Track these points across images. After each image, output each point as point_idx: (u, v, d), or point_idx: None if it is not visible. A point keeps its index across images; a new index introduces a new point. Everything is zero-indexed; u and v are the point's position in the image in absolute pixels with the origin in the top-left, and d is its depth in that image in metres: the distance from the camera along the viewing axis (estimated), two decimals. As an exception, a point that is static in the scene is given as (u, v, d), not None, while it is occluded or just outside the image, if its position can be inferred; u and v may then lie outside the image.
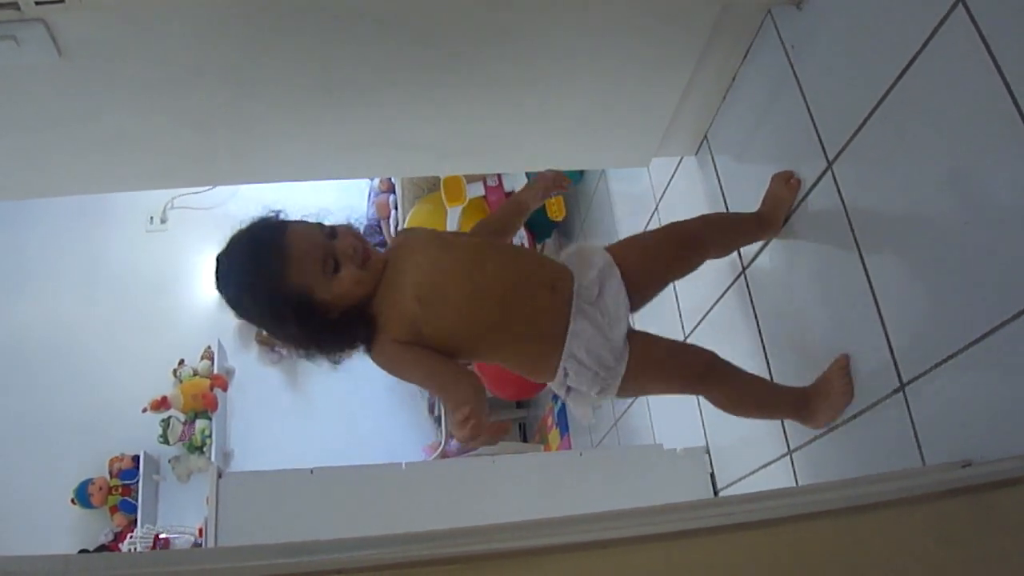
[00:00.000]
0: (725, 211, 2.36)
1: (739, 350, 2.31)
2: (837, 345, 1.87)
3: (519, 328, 1.72)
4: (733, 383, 1.90)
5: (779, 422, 2.14)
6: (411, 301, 1.64)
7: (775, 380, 2.13)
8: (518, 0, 1.89)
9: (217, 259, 1.68)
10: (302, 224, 1.70)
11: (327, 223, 1.71)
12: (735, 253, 2.31)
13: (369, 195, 4.99)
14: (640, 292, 1.85)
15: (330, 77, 2.03)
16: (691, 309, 2.68)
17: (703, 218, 2.07)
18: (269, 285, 1.61)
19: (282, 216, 1.73)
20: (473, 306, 1.67)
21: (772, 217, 2.06)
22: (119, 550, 4.35)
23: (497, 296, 1.69)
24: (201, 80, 1.96)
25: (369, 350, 1.69)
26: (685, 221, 2.03)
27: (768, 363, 2.20)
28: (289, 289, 1.59)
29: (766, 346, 2.21)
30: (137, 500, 4.48)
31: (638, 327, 1.83)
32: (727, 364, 1.88)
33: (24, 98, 1.91)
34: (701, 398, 2.63)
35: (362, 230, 4.76)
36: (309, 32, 1.87)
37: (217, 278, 1.68)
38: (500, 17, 1.93)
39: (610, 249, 1.88)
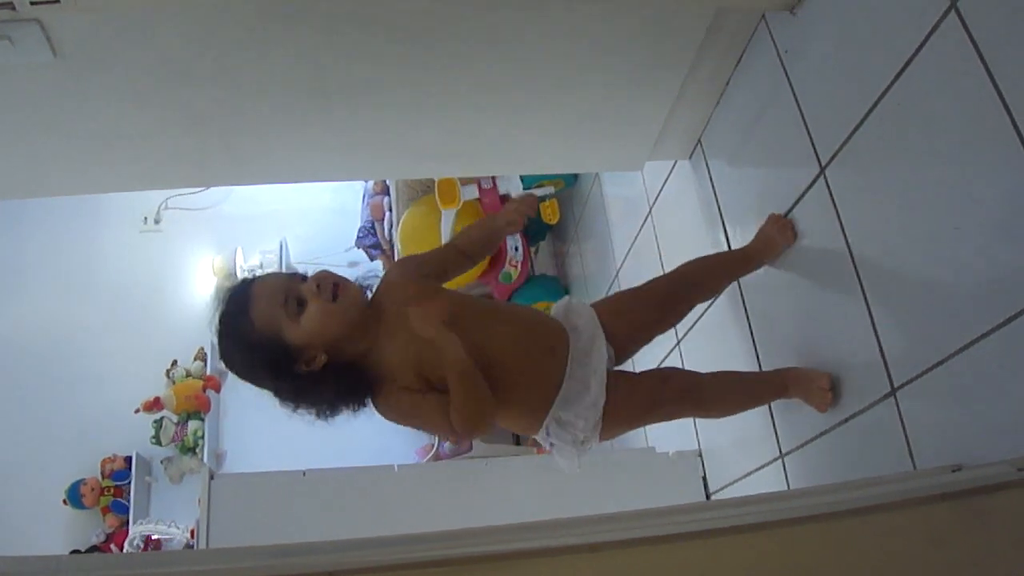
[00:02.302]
0: (710, 256, 2.29)
1: (732, 355, 2.32)
2: (829, 350, 1.87)
3: (519, 391, 1.72)
4: (709, 402, 1.95)
5: (771, 426, 2.15)
6: (427, 359, 1.63)
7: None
8: (512, 4, 1.89)
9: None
10: (271, 274, 1.72)
11: (306, 274, 1.68)
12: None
13: (363, 197, 4.98)
14: (623, 351, 1.89)
15: (324, 79, 2.03)
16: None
17: (688, 273, 2.06)
18: (240, 334, 1.60)
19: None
20: (487, 362, 1.66)
21: (761, 256, 2.08)
22: (111, 551, 4.34)
23: (506, 364, 1.69)
24: (195, 81, 1.96)
25: (374, 401, 1.67)
26: (671, 278, 2.04)
27: (761, 368, 2.20)
28: (258, 335, 1.58)
29: (759, 351, 2.22)
30: (129, 501, 4.47)
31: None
32: (699, 385, 1.91)
33: (18, 98, 1.91)
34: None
35: (356, 233, 4.76)
36: (303, 33, 1.87)
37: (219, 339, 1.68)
38: (495, 21, 1.93)
39: (597, 308, 1.88)
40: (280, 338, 1.58)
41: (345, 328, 1.62)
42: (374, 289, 1.77)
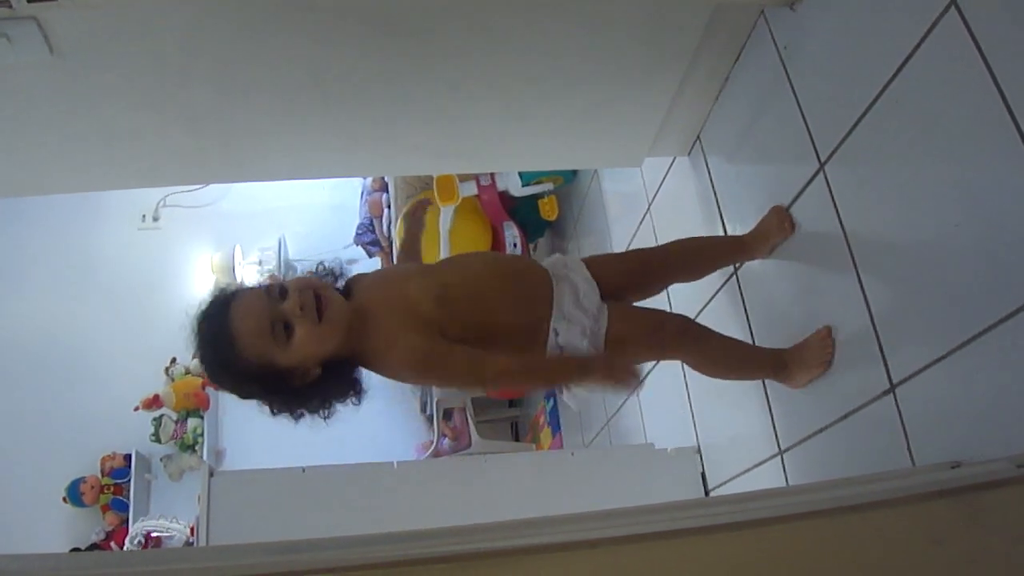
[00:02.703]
0: (705, 237, 2.34)
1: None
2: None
3: (519, 307, 1.75)
4: (709, 345, 1.93)
5: (770, 422, 2.15)
6: (428, 305, 1.64)
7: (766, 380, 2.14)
8: (511, 0, 1.89)
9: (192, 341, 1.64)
10: (246, 294, 1.62)
11: (279, 283, 1.62)
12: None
13: (362, 194, 4.99)
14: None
15: (322, 75, 2.02)
16: (683, 308, 2.68)
17: (675, 248, 2.09)
18: (229, 366, 1.56)
19: (231, 291, 1.65)
20: (485, 297, 1.71)
21: (757, 247, 2.08)
22: (111, 549, 4.34)
23: (499, 284, 1.74)
24: (193, 78, 1.96)
25: (383, 370, 1.68)
26: (656, 249, 2.06)
27: (760, 363, 2.20)
28: (248, 365, 1.54)
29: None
30: (129, 499, 4.47)
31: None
32: (702, 327, 1.92)
33: (16, 96, 1.90)
34: (691, 392, 2.65)
35: (355, 230, 4.76)
36: (300, 30, 1.87)
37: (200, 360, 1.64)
38: (493, 17, 1.93)
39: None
40: (272, 365, 1.55)
41: (336, 344, 1.61)
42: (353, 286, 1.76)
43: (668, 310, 1.97)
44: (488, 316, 1.71)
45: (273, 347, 1.53)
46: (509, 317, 1.74)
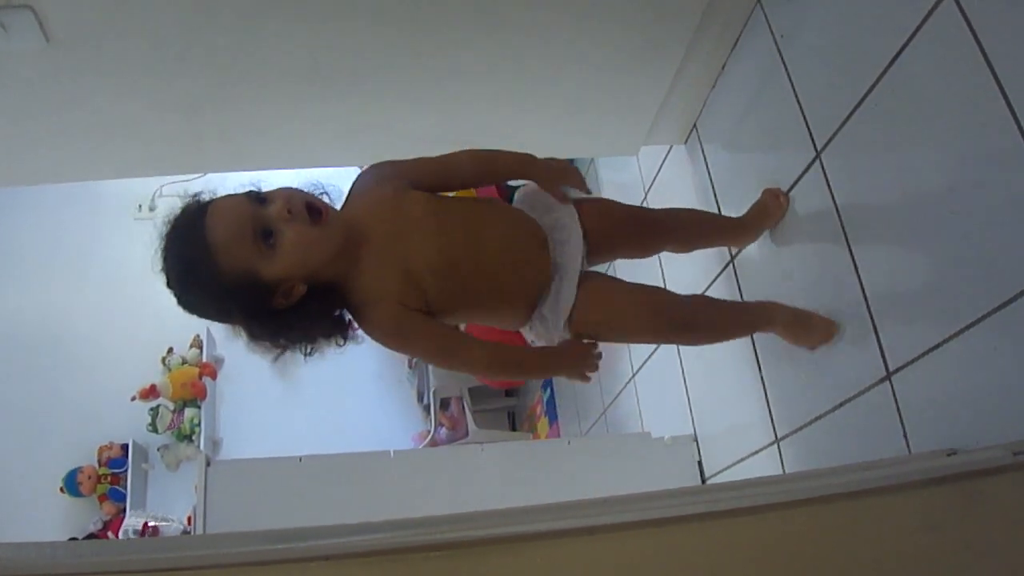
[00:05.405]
0: (705, 211, 2.29)
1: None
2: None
3: (510, 284, 1.63)
4: (708, 324, 1.86)
5: (767, 410, 2.15)
6: (425, 273, 1.51)
7: (763, 367, 2.15)
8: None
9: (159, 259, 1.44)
10: (224, 199, 1.44)
11: (261, 190, 1.46)
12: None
13: (359, 183, 4.98)
14: (590, 255, 1.77)
15: (320, 64, 2.02)
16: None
17: (675, 211, 2.06)
18: (203, 280, 1.39)
19: (204, 198, 1.46)
20: (481, 270, 1.58)
21: (754, 226, 2.07)
22: (108, 539, 4.34)
23: (501, 259, 1.60)
24: (190, 66, 1.95)
25: (359, 324, 1.51)
26: (657, 210, 2.04)
27: (755, 350, 2.20)
28: (229, 279, 1.37)
29: (754, 336, 2.22)
30: (126, 489, 4.47)
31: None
32: (704, 316, 1.86)
33: (11, 85, 1.90)
34: (687, 381, 2.66)
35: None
36: (298, 17, 1.87)
37: (166, 281, 1.44)
38: (490, 4, 1.92)
39: (580, 204, 1.78)
40: (254, 278, 1.39)
41: (330, 254, 1.45)
42: (344, 199, 1.61)
43: (660, 299, 1.81)
44: (481, 300, 1.61)
45: (256, 255, 1.38)
46: (501, 306, 1.66)
